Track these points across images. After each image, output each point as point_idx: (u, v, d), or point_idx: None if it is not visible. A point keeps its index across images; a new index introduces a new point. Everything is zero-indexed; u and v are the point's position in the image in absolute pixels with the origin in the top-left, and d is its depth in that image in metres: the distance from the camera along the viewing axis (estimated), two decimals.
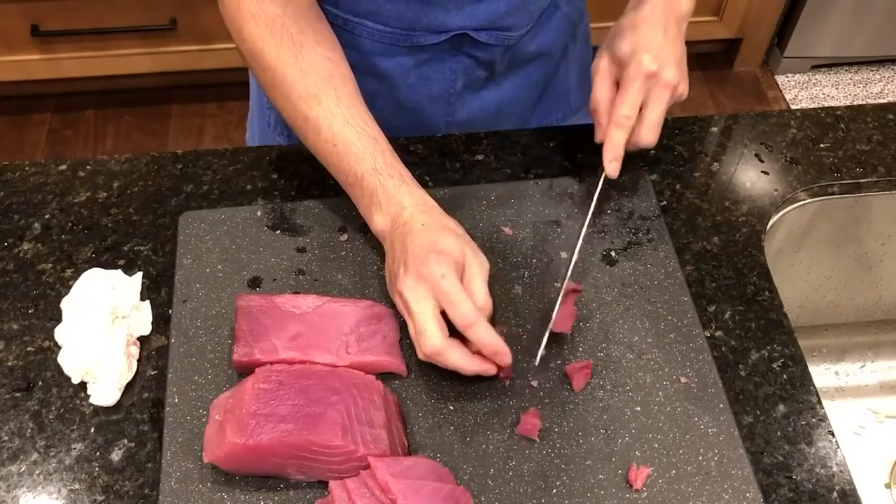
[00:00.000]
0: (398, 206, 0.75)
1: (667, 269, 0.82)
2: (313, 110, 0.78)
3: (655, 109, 0.80)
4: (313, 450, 0.65)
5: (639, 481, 0.68)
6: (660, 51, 0.79)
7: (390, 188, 0.76)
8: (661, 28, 0.81)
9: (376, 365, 0.73)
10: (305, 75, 0.78)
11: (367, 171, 0.76)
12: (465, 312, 0.68)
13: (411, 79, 0.95)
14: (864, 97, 2.38)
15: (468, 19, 0.89)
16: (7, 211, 0.86)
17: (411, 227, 0.73)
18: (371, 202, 0.76)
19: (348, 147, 0.77)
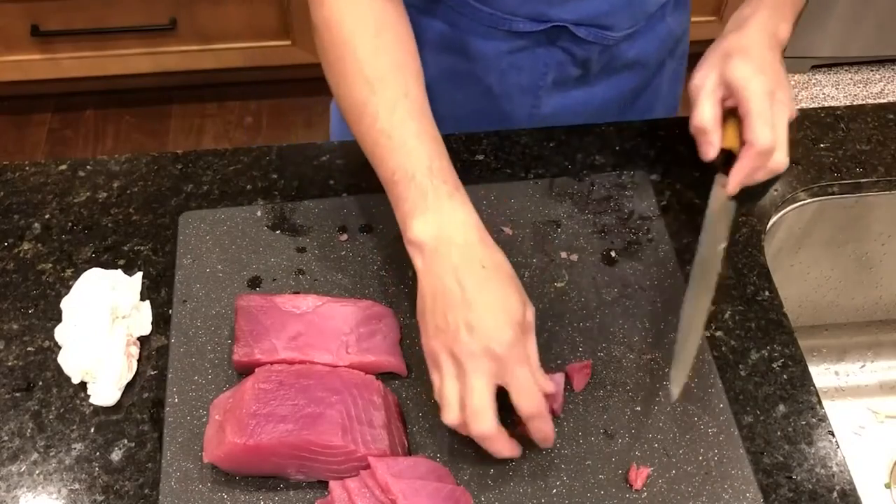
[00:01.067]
0: (446, 219, 0.68)
1: (667, 269, 0.82)
2: (376, 94, 0.72)
3: (782, 127, 0.78)
4: (313, 450, 0.65)
5: (639, 481, 0.68)
6: (772, 75, 0.78)
7: (442, 194, 0.68)
8: (768, 55, 0.80)
9: (376, 365, 0.73)
10: (378, 55, 0.73)
11: (419, 171, 0.69)
12: (536, 405, 0.64)
13: (503, 64, 0.94)
14: (864, 97, 2.38)
15: (570, 13, 0.89)
16: (7, 211, 0.86)
17: (469, 265, 0.66)
18: (416, 205, 0.69)
19: (404, 141, 0.70)
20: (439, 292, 0.66)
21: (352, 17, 0.74)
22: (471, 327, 0.63)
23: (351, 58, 0.73)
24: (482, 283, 0.65)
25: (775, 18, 0.82)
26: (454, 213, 0.68)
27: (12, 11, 1.98)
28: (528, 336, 0.66)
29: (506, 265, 0.68)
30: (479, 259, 0.66)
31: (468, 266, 0.66)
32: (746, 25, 0.81)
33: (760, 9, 0.83)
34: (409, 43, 0.76)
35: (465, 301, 0.64)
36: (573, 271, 0.82)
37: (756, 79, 0.77)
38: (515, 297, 0.66)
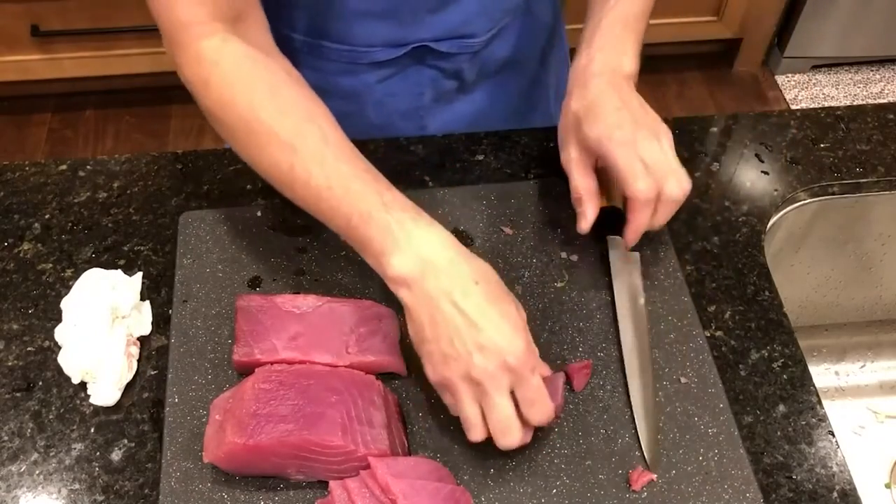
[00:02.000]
0: (421, 246, 0.65)
1: (667, 269, 0.82)
2: (299, 154, 0.68)
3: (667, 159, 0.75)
4: (313, 450, 0.65)
5: (639, 482, 0.68)
6: (627, 119, 0.75)
7: (407, 223, 0.66)
8: (616, 97, 0.76)
9: (376, 365, 0.73)
10: (284, 117, 0.69)
11: (374, 209, 0.66)
12: (550, 412, 0.65)
13: (378, 95, 0.94)
14: (864, 97, 2.38)
15: (426, 31, 0.88)
16: (7, 211, 0.86)
17: (463, 286, 0.64)
18: (384, 243, 0.66)
19: (347, 186, 0.68)
20: (438, 320, 0.64)
21: (241, 90, 0.70)
22: (482, 348, 0.63)
23: (258, 129, 0.70)
24: (480, 301, 0.64)
25: (614, 56, 0.79)
26: (426, 237, 0.66)
27: (12, 11, 1.98)
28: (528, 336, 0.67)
29: (491, 272, 0.67)
30: (468, 276, 0.65)
31: (461, 286, 0.64)
32: (585, 77, 0.78)
33: (594, 54, 0.79)
34: (304, 89, 0.73)
35: (469, 324, 0.63)
36: (573, 271, 0.82)
37: (611, 134, 0.74)
38: (510, 303, 0.66)
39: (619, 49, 0.79)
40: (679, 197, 0.75)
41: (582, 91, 0.77)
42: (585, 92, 0.77)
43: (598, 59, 0.78)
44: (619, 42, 0.79)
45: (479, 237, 0.84)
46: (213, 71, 0.71)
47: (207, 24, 0.71)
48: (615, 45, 0.79)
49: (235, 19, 0.73)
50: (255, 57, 0.72)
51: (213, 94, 0.71)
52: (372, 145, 0.91)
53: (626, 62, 0.79)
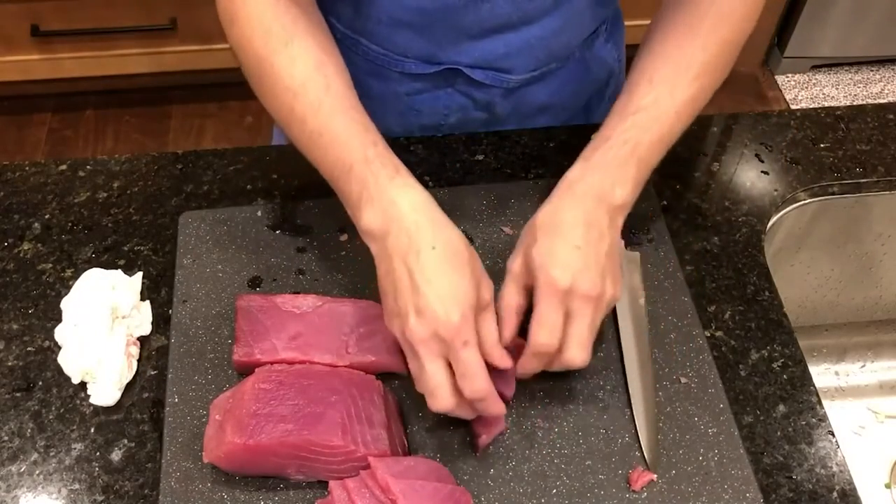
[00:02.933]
0: (391, 204, 0.67)
1: (667, 269, 0.82)
2: (299, 99, 0.71)
3: (580, 327, 0.67)
4: (313, 450, 0.65)
5: (639, 482, 0.68)
6: (578, 261, 0.67)
7: (383, 179, 0.68)
8: (583, 232, 0.68)
9: (376, 365, 0.73)
10: (294, 63, 0.72)
11: (356, 161, 0.68)
12: (480, 388, 0.64)
13: (402, 106, 0.93)
14: (864, 97, 2.38)
15: (462, 55, 0.87)
16: (7, 211, 0.86)
17: (418, 248, 0.65)
18: (360, 197, 0.68)
19: (336, 136, 0.70)
20: (392, 277, 0.66)
21: (261, 33, 0.73)
22: (419, 312, 0.64)
23: (269, 71, 0.73)
24: (430, 266, 0.64)
25: (607, 181, 0.71)
26: (399, 195, 0.67)
27: (12, 11, 1.98)
28: (484, 314, 0.66)
29: (457, 242, 0.67)
30: (428, 240, 0.65)
31: (417, 248, 0.65)
32: (567, 193, 0.71)
33: (587, 171, 0.72)
34: (323, 42, 0.74)
35: (413, 285, 0.64)
36: None
37: (550, 270, 0.67)
38: (466, 277, 0.65)
39: (617, 175, 0.71)
40: (572, 366, 0.68)
41: (556, 205, 0.71)
42: (558, 208, 0.70)
43: (588, 178, 0.71)
44: (619, 167, 0.71)
45: (479, 237, 0.84)
46: (241, 9, 0.74)
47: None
48: (613, 170, 0.71)
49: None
50: (282, 4, 0.73)
51: (236, 31, 0.74)
52: None
53: (620, 192, 0.71)
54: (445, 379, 0.64)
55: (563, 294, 0.66)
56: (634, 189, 0.72)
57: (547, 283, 0.67)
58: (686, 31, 0.76)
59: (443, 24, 0.84)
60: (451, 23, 0.83)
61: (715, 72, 0.77)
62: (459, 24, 0.84)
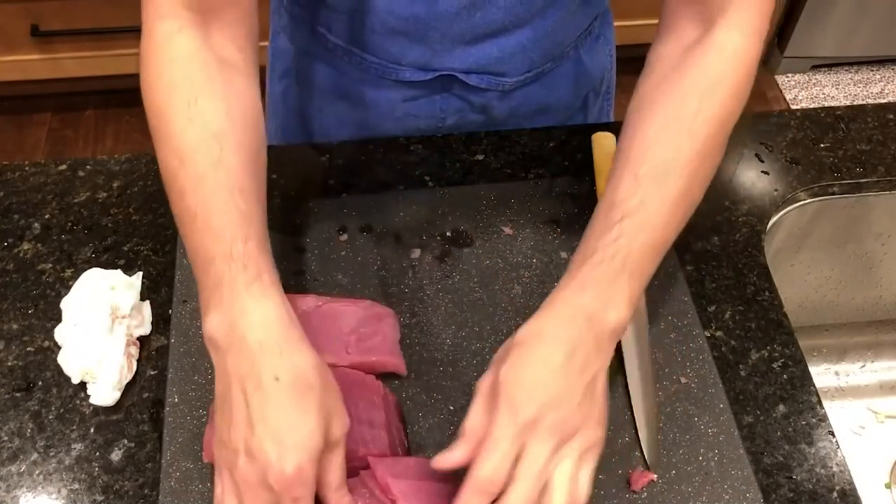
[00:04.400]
0: (240, 315, 0.58)
1: (667, 269, 0.82)
2: (184, 167, 0.62)
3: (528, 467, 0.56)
4: None
5: (639, 483, 0.68)
6: (548, 392, 0.57)
7: (239, 284, 0.58)
8: (563, 350, 0.59)
9: (376, 365, 0.73)
10: (191, 125, 0.63)
11: (218, 255, 0.59)
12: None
13: (399, 113, 0.93)
14: (864, 97, 2.38)
15: (456, 61, 0.87)
16: (7, 211, 0.86)
17: (259, 377, 0.56)
18: (212, 296, 0.59)
19: (208, 220, 0.60)
20: (228, 403, 0.58)
21: (166, 86, 0.65)
22: (250, 452, 0.56)
23: (164, 129, 0.64)
24: (270, 401, 0.56)
25: (600, 302, 0.61)
26: (251, 306, 0.58)
27: (12, 11, 1.98)
28: (330, 454, 0.59)
29: (307, 372, 0.58)
30: (271, 368, 0.57)
31: (258, 377, 0.56)
32: (554, 309, 0.62)
33: (577, 289, 0.62)
34: (236, 109, 0.65)
35: (248, 421, 0.56)
36: None
37: (513, 396, 0.57)
38: (311, 417, 0.56)
39: (608, 295, 0.61)
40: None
41: (540, 323, 0.61)
42: (542, 326, 0.61)
43: (577, 298, 0.62)
44: (609, 285, 0.62)
45: (479, 237, 0.84)
46: (155, 54, 0.66)
47: (173, 7, 0.66)
48: (603, 289, 0.62)
49: (208, 12, 0.67)
50: (200, 57, 0.66)
51: (145, 74, 0.66)
52: (372, 145, 0.91)
53: (613, 314, 0.61)
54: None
55: (523, 425, 0.56)
56: (629, 308, 0.62)
57: (508, 407, 0.57)
58: (672, 113, 0.66)
59: (436, 32, 0.83)
60: (444, 30, 0.83)
61: (708, 157, 0.66)
62: (453, 32, 0.83)
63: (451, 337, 0.77)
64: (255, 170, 0.65)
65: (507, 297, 0.80)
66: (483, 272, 0.81)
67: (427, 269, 0.81)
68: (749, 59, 0.69)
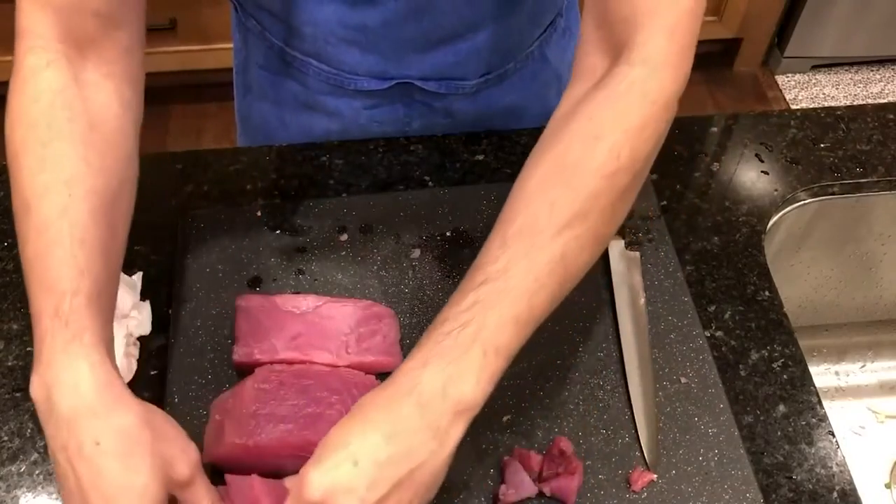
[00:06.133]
0: (54, 381, 0.54)
1: (667, 269, 0.82)
2: (30, 213, 0.58)
3: None
4: (313, 450, 0.65)
5: (639, 482, 0.68)
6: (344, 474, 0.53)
7: (58, 343, 0.55)
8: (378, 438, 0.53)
9: (376, 365, 0.73)
10: (42, 170, 0.59)
11: (46, 312, 0.56)
12: None
13: (362, 120, 0.93)
14: (864, 97, 2.38)
15: (412, 69, 0.86)
16: (7, 211, 0.86)
17: (79, 444, 0.53)
18: (37, 356, 0.56)
19: (43, 272, 0.57)
20: (58, 474, 0.55)
21: (25, 126, 0.60)
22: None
23: (16, 172, 0.60)
24: (95, 467, 0.53)
25: (442, 377, 0.54)
26: (64, 369, 0.54)
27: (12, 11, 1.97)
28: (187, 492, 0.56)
29: (128, 429, 0.54)
30: (90, 434, 0.53)
31: (78, 445, 0.53)
32: (389, 386, 0.56)
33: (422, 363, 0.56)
34: (94, 152, 0.61)
35: (79, 490, 0.53)
36: None
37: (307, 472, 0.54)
38: (143, 472, 0.53)
39: (454, 370, 0.55)
40: None
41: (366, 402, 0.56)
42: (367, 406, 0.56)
43: (419, 373, 0.55)
44: (459, 358, 0.55)
45: (479, 237, 0.84)
46: (20, 90, 0.62)
47: (44, 40, 0.62)
48: (451, 363, 0.55)
49: (83, 45, 0.64)
50: (65, 95, 0.61)
51: (8, 111, 0.62)
52: (372, 145, 0.91)
53: (457, 390, 0.54)
54: None
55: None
56: (485, 382, 0.55)
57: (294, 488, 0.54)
58: (551, 164, 0.59)
59: (387, 40, 0.83)
60: (395, 38, 0.83)
61: (591, 217, 0.57)
62: (404, 39, 0.83)
63: None
64: (108, 219, 0.61)
65: None
66: None
67: (427, 269, 0.81)
68: (655, 97, 0.59)
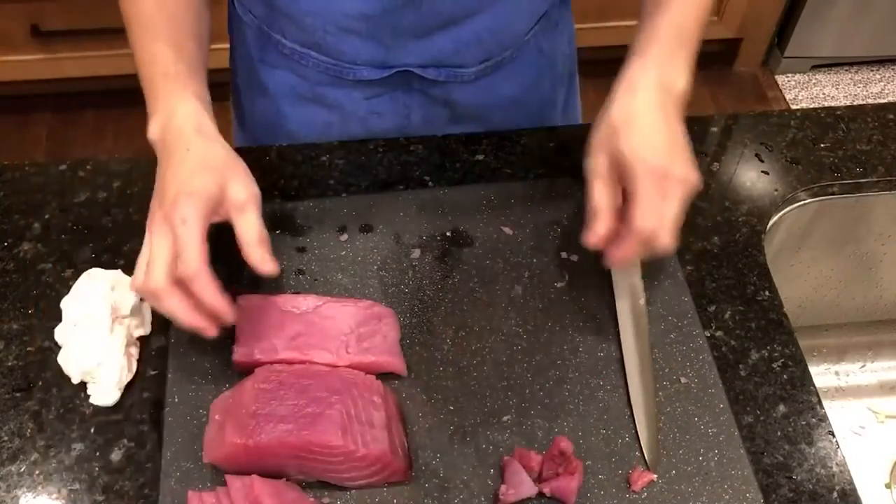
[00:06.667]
0: (170, 114, 0.72)
1: (667, 270, 0.82)
2: (132, 18, 0.77)
3: (672, 210, 0.69)
4: (313, 450, 0.65)
5: (639, 483, 0.68)
6: (666, 145, 0.71)
7: (170, 92, 0.73)
8: (661, 118, 0.72)
9: (376, 365, 0.73)
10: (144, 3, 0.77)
11: (156, 74, 0.74)
12: (186, 262, 0.65)
13: (362, 112, 0.93)
14: (864, 97, 2.38)
15: (411, 57, 0.87)
16: (7, 211, 0.86)
17: (176, 149, 0.71)
18: (152, 107, 0.74)
19: (152, 48, 0.75)
20: (158, 175, 0.72)
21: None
22: (161, 200, 0.69)
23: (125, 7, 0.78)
24: (179, 165, 0.70)
25: (668, 71, 0.74)
26: (177, 108, 0.72)
27: (12, 11, 1.98)
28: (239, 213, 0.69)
29: (211, 147, 0.72)
30: (186, 143, 0.71)
31: (174, 151, 0.71)
32: (634, 87, 0.73)
33: (648, 65, 0.74)
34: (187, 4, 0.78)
35: (163, 180, 0.70)
36: (573, 271, 0.82)
37: (643, 156, 0.69)
38: (210, 178, 0.69)
39: (674, 64, 0.75)
40: (664, 252, 0.71)
41: (627, 101, 0.73)
42: (631, 102, 0.72)
43: (650, 71, 0.73)
44: (673, 56, 0.75)
45: (479, 237, 0.84)
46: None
47: None
48: (669, 59, 0.75)
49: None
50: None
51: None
52: (372, 145, 0.91)
53: (679, 80, 0.74)
54: (164, 257, 0.66)
55: (661, 178, 0.69)
56: (689, 75, 0.75)
57: (646, 169, 0.69)
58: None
59: (386, 28, 0.83)
60: (394, 25, 0.83)
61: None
62: (403, 26, 0.83)
63: (451, 337, 0.77)
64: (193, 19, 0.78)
65: (507, 297, 0.80)
66: (483, 272, 0.81)
67: (427, 269, 0.81)
68: None
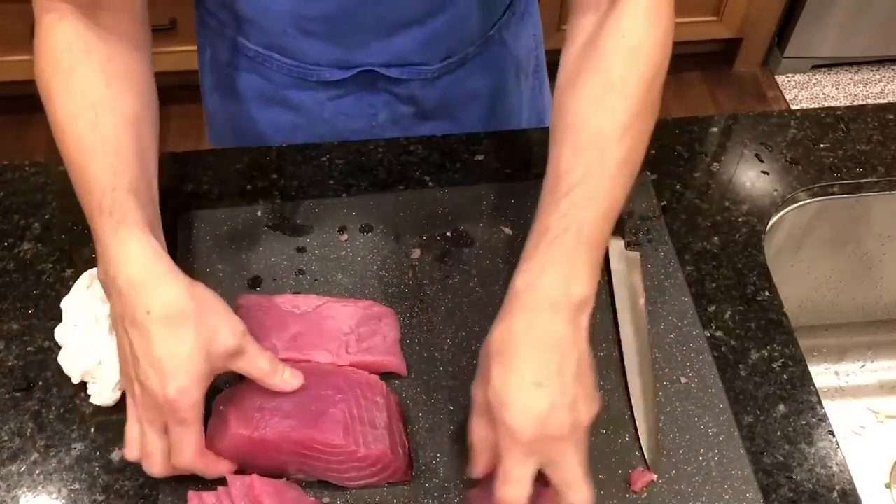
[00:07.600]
0: (111, 260, 0.63)
1: (667, 269, 0.82)
2: (66, 136, 0.68)
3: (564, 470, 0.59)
4: (315, 448, 0.65)
5: (639, 483, 0.68)
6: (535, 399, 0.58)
7: (107, 231, 0.64)
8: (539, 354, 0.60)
9: (376, 365, 0.73)
10: (70, 97, 0.68)
11: (93, 209, 0.65)
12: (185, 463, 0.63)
13: (328, 113, 0.93)
14: (864, 97, 2.38)
15: (373, 56, 0.87)
16: (7, 211, 0.86)
17: (133, 313, 0.61)
18: (95, 246, 0.66)
19: (86, 180, 0.67)
20: (119, 343, 0.65)
21: (51, 62, 0.70)
22: (141, 384, 0.62)
23: (50, 106, 0.70)
24: (146, 334, 0.61)
25: (560, 280, 0.62)
26: (117, 250, 0.63)
27: (12, 11, 1.98)
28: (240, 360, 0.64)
29: (176, 300, 0.62)
30: (142, 303, 0.61)
31: (132, 314, 0.62)
32: (514, 305, 0.62)
33: (536, 273, 0.62)
34: (112, 76, 0.70)
35: (133, 356, 0.62)
36: None
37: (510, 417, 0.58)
38: (187, 342, 0.61)
39: (567, 270, 0.62)
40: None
41: (506, 324, 0.62)
42: (511, 330, 0.61)
43: (537, 283, 0.62)
44: (567, 260, 0.62)
45: (479, 237, 0.84)
46: (40, 44, 0.71)
47: (55, 2, 0.70)
48: (562, 265, 0.62)
49: (91, 4, 0.71)
50: (80, 39, 0.70)
51: (35, 64, 0.71)
52: (372, 145, 0.91)
53: (576, 289, 0.62)
54: (160, 448, 0.63)
55: (528, 444, 0.58)
56: (591, 279, 0.63)
57: (508, 433, 0.58)
58: (599, 81, 0.67)
59: (346, 28, 0.83)
60: (353, 25, 0.83)
61: (643, 116, 0.67)
62: (363, 25, 0.83)
63: (451, 337, 0.77)
64: (135, 131, 0.70)
65: None
66: (483, 272, 0.81)
67: (427, 269, 0.81)
68: (664, 16, 0.68)
